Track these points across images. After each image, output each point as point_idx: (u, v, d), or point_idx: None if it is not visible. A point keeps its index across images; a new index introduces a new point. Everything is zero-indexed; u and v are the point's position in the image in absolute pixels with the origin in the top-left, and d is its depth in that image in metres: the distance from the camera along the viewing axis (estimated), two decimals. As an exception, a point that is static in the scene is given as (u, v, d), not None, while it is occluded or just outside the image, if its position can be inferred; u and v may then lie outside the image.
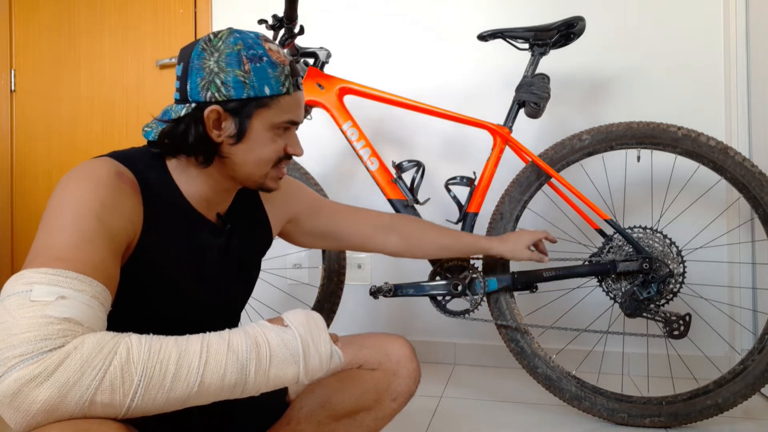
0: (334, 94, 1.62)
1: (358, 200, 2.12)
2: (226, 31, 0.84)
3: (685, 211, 1.86)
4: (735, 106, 1.80)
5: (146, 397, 0.64)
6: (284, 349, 0.74)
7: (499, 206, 1.57)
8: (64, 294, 0.64)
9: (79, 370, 0.61)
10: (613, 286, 1.49)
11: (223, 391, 0.70)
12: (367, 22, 2.12)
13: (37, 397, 0.59)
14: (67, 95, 2.41)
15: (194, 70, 0.82)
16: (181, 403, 0.67)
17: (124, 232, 0.76)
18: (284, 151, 0.89)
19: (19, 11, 2.44)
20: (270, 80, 0.83)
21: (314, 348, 0.76)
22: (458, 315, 1.54)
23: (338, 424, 1.00)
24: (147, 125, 0.86)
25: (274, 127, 0.86)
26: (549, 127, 1.97)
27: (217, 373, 0.68)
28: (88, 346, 0.63)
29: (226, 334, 0.72)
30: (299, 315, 0.78)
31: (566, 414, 1.56)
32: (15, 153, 2.46)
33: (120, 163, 0.80)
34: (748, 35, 1.79)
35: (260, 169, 0.88)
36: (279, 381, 0.74)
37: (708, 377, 1.75)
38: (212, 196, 0.90)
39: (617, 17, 1.92)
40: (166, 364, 0.65)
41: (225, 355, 0.69)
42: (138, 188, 0.80)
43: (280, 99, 0.85)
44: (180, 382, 0.66)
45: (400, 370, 1.02)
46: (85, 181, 0.74)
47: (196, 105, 0.82)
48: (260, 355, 0.72)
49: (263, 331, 0.74)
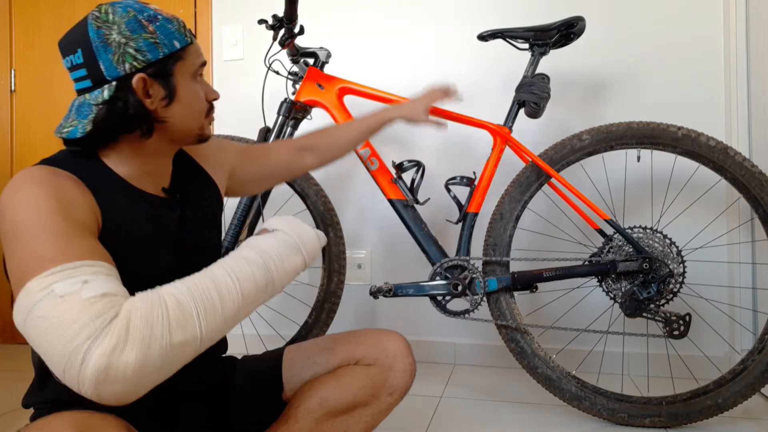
0: (334, 94, 1.62)
1: (358, 200, 2.12)
2: (106, 5, 0.83)
3: (685, 211, 1.86)
4: (735, 106, 1.80)
5: (209, 323, 0.71)
6: (286, 246, 0.86)
7: (499, 206, 1.57)
8: (84, 279, 0.66)
9: (147, 325, 0.65)
10: (613, 286, 1.49)
11: (259, 293, 0.80)
12: (367, 22, 2.12)
13: (128, 362, 0.63)
14: (67, 95, 2.41)
15: (99, 49, 0.80)
16: (234, 317, 0.76)
17: (89, 220, 0.76)
18: (206, 99, 0.92)
19: (19, 11, 2.45)
20: (174, 34, 0.85)
21: (305, 235, 0.89)
22: (458, 315, 1.54)
23: (336, 420, 1.00)
24: (64, 126, 0.83)
25: (193, 76, 0.88)
26: (549, 127, 1.97)
27: (250, 282, 0.78)
28: (140, 305, 0.67)
29: (235, 253, 0.82)
30: (278, 220, 0.91)
31: (566, 414, 1.56)
32: (15, 153, 2.45)
33: (53, 166, 0.79)
34: (748, 35, 1.79)
35: (197, 121, 0.91)
36: (293, 270, 0.86)
37: (708, 377, 1.75)
38: (152, 170, 0.90)
39: (617, 17, 1.92)
40: (209, 291, 0.73)
41: (247, 267, 0.79)
42: (81, 183, 0.79)
43: (189, 48, 0.87)
44: (227, 300, 0.74)
45: (396, 364, 1.02)
46: (33, 186, 0.73)
47: (117, 81, 0.81)
48: (272, 256, 0.83)
49: (262, 241, 0.85)
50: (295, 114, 1.66)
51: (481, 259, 1.56)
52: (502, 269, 1.56)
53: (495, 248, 1.56)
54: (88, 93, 0.82)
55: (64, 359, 0.62)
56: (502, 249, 1.55)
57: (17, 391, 1.80)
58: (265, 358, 1.09)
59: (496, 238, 1.56)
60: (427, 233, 1.58)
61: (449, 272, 1.56)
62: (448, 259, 1.56)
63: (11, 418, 1.58)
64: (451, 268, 1.56)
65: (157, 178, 0.91)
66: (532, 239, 1.98)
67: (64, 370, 0.62)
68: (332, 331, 1.80)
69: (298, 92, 1.64)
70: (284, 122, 1.65)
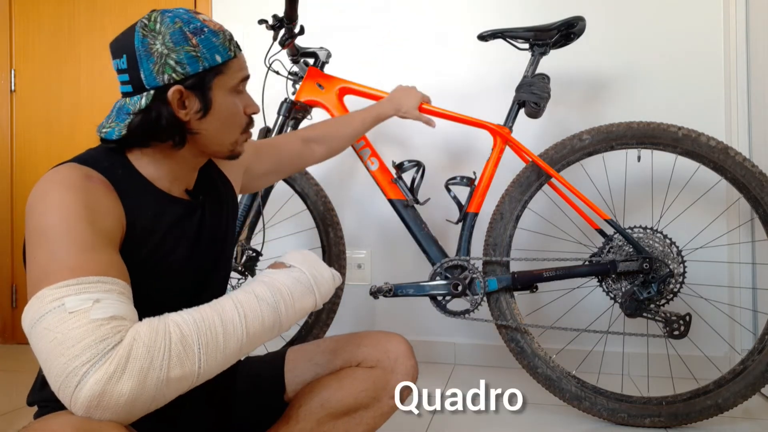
0: (334, 94, 1.62)
1: (359, 200, 2.12)
2: (156, 13, 0.84)
3: (685, 211, 1.86)
4: (735, 106, 1.80)
5: (209, 360, 0.71)
6: (299, 285, 0.85)
7: (499, 206, 1.57)
8: (97, 297, 0.67)
9: (147, 356, 0.65)
10: (613, 286, 1.49)
11: (265, 333, 0.79)
12: (367, 22, 2.12)
13: (122, 391, 0.63)
14: (67, 95, 2.41)
15: (142, 57, 0.81)
16: (236, 355, 0.76)
17: (114, 229, 0.77)
18: (245, 112, 0.91)
19: (19, 11, 2.44)
20: (218, 48, 0.84)
21: (320, 277, 0.88)
22: (458, 315, 1.54)
23: (337, 422, 1.00)
24: (104, 126, 0.85)
25: (233, 90, 0.88)
26: (549, 127, 1.97)
27: (257, 320, 0.78)
28: (145, 333, 0.67)
29: (248, 288, 0.81)
30: (296, 255, 0.90)
31: (566, 414, 1.56)
32: (15, 153, 2.45)
33: (84, 165, 0.80)
34: (748, 35, 1.79)
35: (232, 136, 0.90)
36: (303, 311, 0.86)
37: (708, 377, 1.75)
38: (180, 175, 0.90)
39: (617, 17, 1.92)
40: (214, 327, 0.73)
41: (257, 304, 0.79)
42: (110, 186, 0.80)
43: (231, 63, 0.87)
44: (231, 338, 0.74)
45: (398, 367, 1.02)
46: (63, 189, 0.74)
47: (155, 91, 0.82)
48: (284, 296, 0.82)
49: (276, 276, 0.84)
50: (295, 114, 1.66)
51: (482, 259, 1.56)
52: (502, 269, 1.56)
53: (495, 248, 1.56)
54: (129, 98, 0.84)
55: (60, 377, 0.63)
56: (502, 249, 1.55)
57: (17, 391, 1.80)
58: (266, 359, 1.09)
59: (496, 238, 1.56)
60: (427, 233, 1.58)
61: (449, 272, 1.56)
62: (449, 259, 1.56)
63: (11, 418, 1.58)
64: (452, 268, 1.56)
65: (182, 181, 0.92)
66: (533, 239, 1.97)
67: (59, 388, 0.64)
68: (332, 331, 1.79)
69: (298, 92, 1.64)
70: (284, 122, 1.65)
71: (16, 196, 2.45)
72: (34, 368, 0.85)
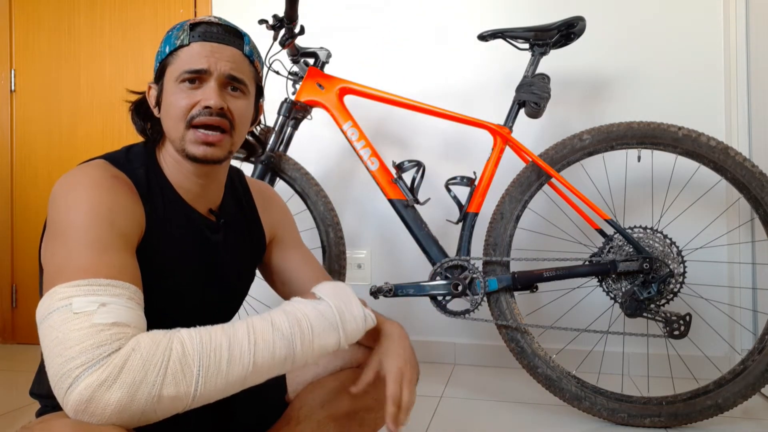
0: (334, 94, 1.62)
1: (359, 200, 2.12)
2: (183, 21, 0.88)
3: (685, 211, 1.86)
4: (735, 106, 1.80)
5: (208, 384, 0.68)
6: (323, 320, 0.79)
7: (499, 206, 1.57)
8: (103, 301, 0.66)
9: (142, 369, 0.64)
10: (613, 286, 1.49)
11: (275, 366, 0.74)
12: (367, 22, 2.12)
13: (109, 400, 0.62)
14: (67, 95, 2.41)
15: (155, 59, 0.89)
16: (240, 384, 0.71)
17: (134, 232, 0.77)
18: (193, 105, 0.82)
19: (19, 11, 2.44)
20: (171, 39, 0.85)
21: (349, 314, 0.82)
22: (458, 315, 1.54)
23: (338, 423, 1.00)
24: None
25: (178, 80, 0.82)
26: (549, 127, 1.97)
27: (267, 351, 0.73)
28: (145, 345, 0.65)
29: (267, 315, 0.76)
30: (328, 287, 0.84)
31: (566, 414, 1.56)
32: (15, 153, 2.45)
33: (113, 165, 0.81)
34: (748, 35, 1.79)
35: (176, 131, 0.83)
36: (323, 350, 0.79)
37: (708, 377, 1.76)
38: (197, 189, 0.89)
39: (617, 17, 1.92)
40: (219, 350, 0.69)
41: (271, 334, 0.74)
42: (134, 189, 0.80)
43: (179, 52, 0.83)
44: (235, 365, 0.70)
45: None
46: (88, 188, 0.74)
47: None
48: (303, 329, 0.77)
49: (300, 306, 0.79)
50: (296, 114, 1.66)
51: (482, 259, 1.56)
52: (502, 269, 1.56)
53: (495, 248, 1.56)
54: None
55: (56, 377, 0.64)
56: (502, 249, 1.55)
57: (17, 390, 1.80)
58: None
59: (497, 238, 1.56)
60: (427, 233, 1.58)
61: (449, 272, 1.56)
62: (449, 259, 1.56)
63: (11, 417, 1.58)
64: (452, 268, 1.56)
65: (207, 198, 0.91)
66: (533, 239, 1.98)
67: (54, 386, 0.64)
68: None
69: (299, 92, 1.64)
70: (284, 122, 1.65)
71: (16, 196, 2.45)
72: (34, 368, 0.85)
